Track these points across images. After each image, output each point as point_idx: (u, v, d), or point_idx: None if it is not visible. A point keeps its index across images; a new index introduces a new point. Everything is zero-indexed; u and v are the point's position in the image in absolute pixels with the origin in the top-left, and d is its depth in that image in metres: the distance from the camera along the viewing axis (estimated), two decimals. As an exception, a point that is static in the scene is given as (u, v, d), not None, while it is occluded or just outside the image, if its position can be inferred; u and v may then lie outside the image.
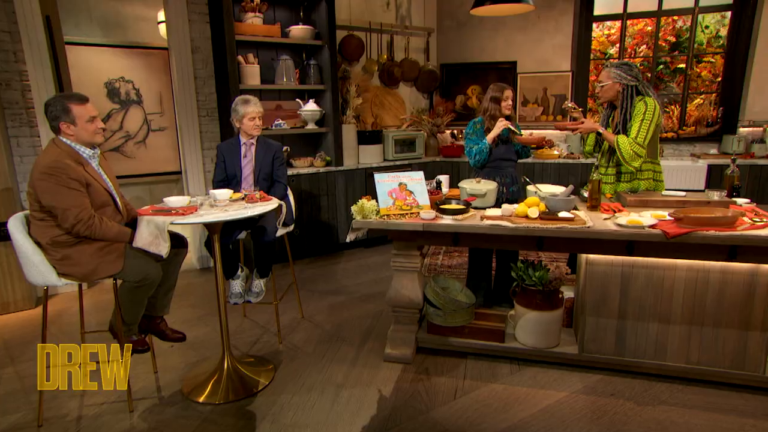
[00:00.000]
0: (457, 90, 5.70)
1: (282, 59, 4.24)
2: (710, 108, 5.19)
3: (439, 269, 4.18)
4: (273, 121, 4.29)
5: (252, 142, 3.00)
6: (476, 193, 2.67)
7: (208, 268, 4.28)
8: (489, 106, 3.05)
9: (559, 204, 2.33)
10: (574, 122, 2.89)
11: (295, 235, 4.32)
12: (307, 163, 4.46)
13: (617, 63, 2.79)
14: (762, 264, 2.11)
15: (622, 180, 2.86)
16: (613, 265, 2.34)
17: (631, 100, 2.73)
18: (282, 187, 3.03)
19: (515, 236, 2.31)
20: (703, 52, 6.14)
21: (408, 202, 2.51)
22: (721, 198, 2.47)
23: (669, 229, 2.03)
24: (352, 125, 4.68)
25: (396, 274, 2.61)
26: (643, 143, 2.68)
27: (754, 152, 4.66)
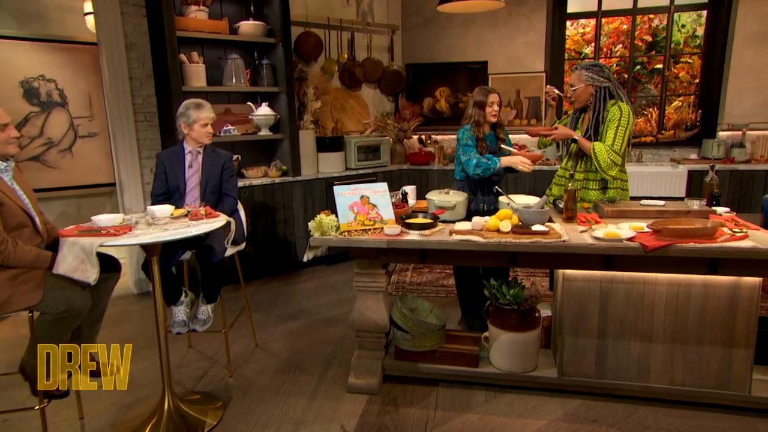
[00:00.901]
0: (424, 92, 5.77)
1: (231, 58, 4.18)
2: (689, 111, 5.43)
3: (408, 287, 4.18)
4: (221, 126, 4.22)
5: (198, 151, 2.93)
6: (445, 206, 2.68)
7: (147, 293, 4.13)
8: (473, 112, 3.05)
9: (533, 216, 2.37)
10: (548, 128, 2.96)
11: (248, 253, 4.25)
12: (261, 173, 4.41)
13: (587, 64, 2.88)
14: (743, 277, 2.20)
15: (590, 187, 2.96)
16: (591, 281, 2.39)
17: (604, 104, 2.83)
18: (232, 201, 2.97)
19: (486, 252, 2.32)
20: (680, 52, 6.45)
21: (371, 216, 2.50)
22: (701, 207, 2.57)
23: (647, 242, 2.09)
24: (311, 131, 4.66)
25: (359, 294, 2.59)
26: (620, 151, 2.78)
27: (734, 157, 4.90)
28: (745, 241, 2.07)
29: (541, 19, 5.38)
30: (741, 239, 2.09)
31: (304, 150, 4.58)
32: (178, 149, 2.93)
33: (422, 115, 5.68)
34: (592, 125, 2.86)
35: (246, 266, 4.23)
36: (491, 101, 3.01)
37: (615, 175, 2.84)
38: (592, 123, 2.86)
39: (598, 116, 2.85)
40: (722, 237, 2.10)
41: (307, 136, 4.60)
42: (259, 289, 4.20)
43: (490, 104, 3.01)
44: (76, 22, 4.63)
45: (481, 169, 2.91)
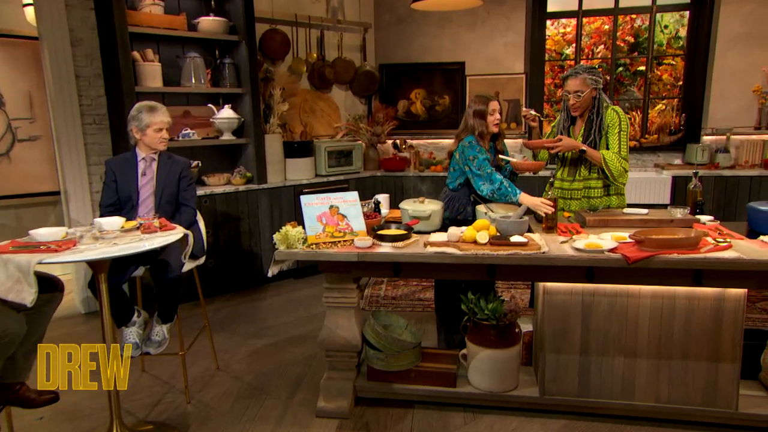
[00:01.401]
0: (399, 94, 5.80)
1: (190, 57, 4.13)
2: (673, 114, 5.58)
3: (383, 302, 4.17)
4: (180, 130, 4.15)
5: (153, 158, 2.88)
6: (419, 215, 2.69)
7: (95, 312, 4.02)
8: (474, 123, 2.98)
9: (511, 227, 2.39)
10: (551, 140, 2.94)
11: (209, 267, 4.18)
12: (224, 181, 4.36)
13: (586, 67, 2.91)
14: (728, 288, 2.25)
15: (593, 195, 3.01)
16: (573, 294, 2.42)
17: (599, 108, 2.90)
18: (190, 212, 2.92)
19: (463, 265, 2.33)
20: (663, 53, 6.64)
21: (340, 227, 2.48)
22: (684, 216, 2.63)
23: (630, 253, 2.13)
24: (278, 135, 4.64)
25: (329, 311, 2.57)
26: (627, 157, 2.88)
27: (718, 162, 5.05)
28: (728, 252, 2.13)
29: (521, 19, 5.47)
30: (725, 249, 2.14)
31: (271, 156, 4.54)
32: (130, 156, 2.86)
33: (397, 118, 5.70)
34: (596, 132, 2.91)
35: (206, 281, 4.16)
36: (492, 109, 2.96)
37: (625, 182, 2.94)
38: (596, 129, 2.91)
39: (600, 122, 2.90)
40: (706, 247, 2.15)
41: (273, 141, 4.57)
42: (221, 306, 4.13)
43: (492, 112, 2.97)
44: (14, 13, 4.50)
45: (498, 194, 2.82)
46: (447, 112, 5.73)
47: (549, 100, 6.43)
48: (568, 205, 3.05)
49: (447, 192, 3.23)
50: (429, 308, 4.00)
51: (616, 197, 3.02)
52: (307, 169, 4.81)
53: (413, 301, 4.19)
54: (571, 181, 3.06)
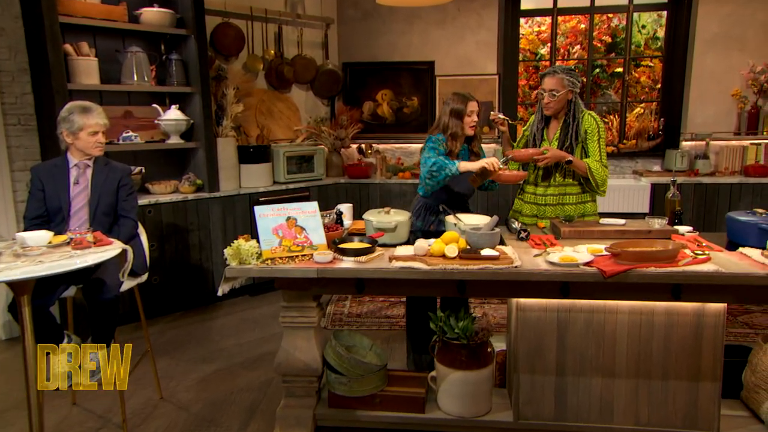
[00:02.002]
0: (364, 95, 5.81)
1: (131, 51, 4.05)
2: (651, 118, 5.76)
3: (346, 320, 4.14)
4: (120, 133, 4.07)
5: (87, 164, 2.80)
6: (384, 227, 2.68)
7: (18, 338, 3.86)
8: (449, 122, 3.00)
9: (482, 239, 2.41)
10: (536, 151, 2.96)
11: (153, 284, 4.08)
12: (170, 188, 4.30)
13: (565, 68, 2.99)
14: (707, 303, 2.31)
15: (568, 202, 3.06)
16: (548, 310, 2.45)
17: (575, 112, 2.97)
18: (130, 224, 2.85)
19: (431, 280, 2.33)
20: (641, 54, 6.85)
21: (298, 241, 2.46)
22: (663, 227, 2.70)
23: (606, 267, 2.17)
24: (231, 139, 4.59)
25: (286, 332, 2.53)
26: (607, 164, 2.98)
27: (698, 169, 5.22)
28: (707, 265, 2.19)
29: (493, 16, 5.57)
30: (703, 262, 2.20)
31: (224, 161, 4.49)
32: (60, 162, 2.78)
33: (362, 121, 5.71)
34: (572, 137, 2.97)
35: (150, 301, 4.06)
36: (470, 110, 2.98)
37: (606, 189, 3.02)
38: (572, 134, 2.97)
39: (577, 127, 2.97)
40: (684, 260, 2.20)
41: (226, 145, 4.52)
42: (167, 328, 4.04)
43: (470, 113, 2.99)
44: None
45: (435, 175, 2.85)
46: (416, 114, 5.76)
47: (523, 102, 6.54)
48: (543, 211, 3.10)
49: (418, 199, 3.25)
50: (397, 326, 4.00)
51: (591, 204, 3.10)
52: (264, 175, 4.77)
53: (380, 318, 4.18)
54: (545, 187, 3.10)
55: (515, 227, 2.78)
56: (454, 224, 2.73)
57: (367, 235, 2.68)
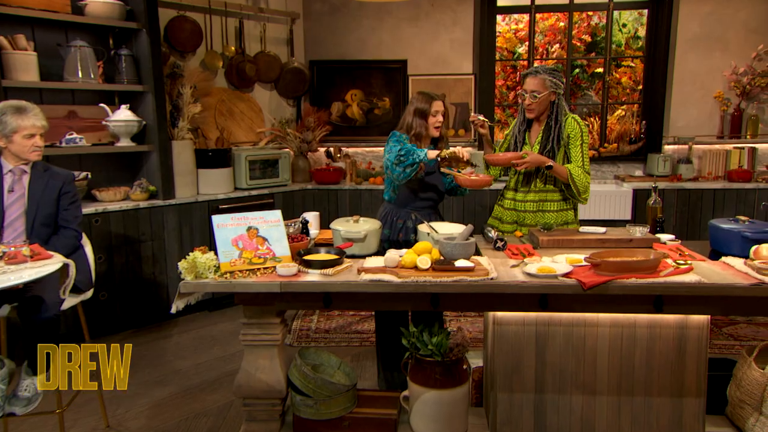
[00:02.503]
0: (332, 95, 5.82)
1: (75, 46, 3.97)
2: (633, 121, 5.89)
3: (313, 336, 4.12)
4: (63, 135, 3.99)
5: (24, 170, 2.73)
6: (353, 237, 2.68)
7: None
8: (413, 122, 3.04)
9: (456, 250, 2.42)
10: (515, 154, 2.99)
11: (101, 301, 4.00)
12: (120, 196, 4.24)
13: (548, 68, 3.02)
14: (690, 315, 2.37)
15: (548, 209, 3.10)
16: (526, 324, 2.47)
17: (558, 115, 3.01)
18: (72, 236, 2.79)
19: (402, 294, 2.33)
20: (621, 54, 7.02)
21: (260, 252, 2.44)
22: (644, 235, 2.76)
23: (585, 278, 2.20)
24: (188, 142, 4.55)
25: (247, 350, 2.51)
26: (589, 170, 3.02)
27: (680, 174, 5.35)
28: (689, 275, 2.24)
29: (468, 13, 5.64)
30: (685, 272, 2.25)
31: (180, 166, 4.45)
32: (-7, 168, 2.71)
33: (330, 123, 5.71)
34: (554, 141, 3.00)
35: (96, 319, 3.98)
36: (435, 110, 3.02)
37: (587, 197, 3.05)
38: (554, 138, 3.00)
39: (559, 130, 3.01)
40: (666, 270, 2.25)
41: (183, 148, 4.48)
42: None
43: (434, 113, 3.02)
44: None
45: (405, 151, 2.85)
46: (387, 116, 5.79)
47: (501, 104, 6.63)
48: (522, 218, 3.13)
49: (384, 205, 3.25)
50: (368, 342, 4.00)
51: (572, 211, 3.14)
52: (225, 181, 4.74)
53: (350, 334, 4.17)
54: (525, 193, 3.14)
55: (491, 236, 2.80)
56: (427, 233, 2.75)
57: (335, 246, 2.67)
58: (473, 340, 3.86)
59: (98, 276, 3.65)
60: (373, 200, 5.20)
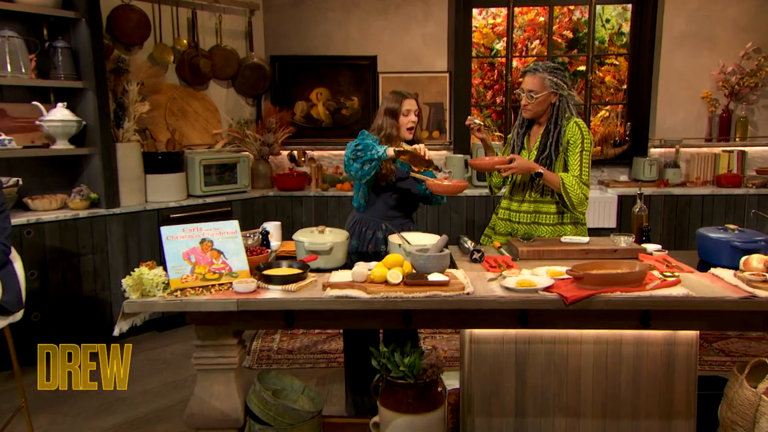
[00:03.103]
0: (295, 94, 5.82)
1: (4, 36, 3.90)
2: (617, 123, 6.01)
3: (275, 357, 4.09)
4: (-11, 136, 3.91)
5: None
6: (318, 249, 2.66)
7: None
8: (384, 122, 3.04)
9: (429, 262, 2.43)
10: (502, 158, 3.00)
11: (33, 322, 3.92)
12: (57, 204, 4.19)
13: (550, 66, 3.03)
14: (678, 330, 2.41)
15: (543, 222, 3.11)
16: (505, 342, 2.49)
17: (558, 119, 3.00)
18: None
19: (371, 311, 2.33)
20: (605, 52, 7.16)
21: (215, 267, 2.42)
22: (629, 245, 2.80)
23: (567, 293, 2.22)
24: (135, 144, 4.51)
25: (201, 376, 2.47)
26: (588, 182, 2.99)
27: (667, 179, 5.48)
28: (676, 288, 2.28)
29: (442, 7, 5.70)
30: (672, 285, 2.30)
31: (126, 171, 4.40)
32: None
33: (293, 123, 5.70)
34: (552, 147, 3.01)
35: (28, 343, 3.81)
36: (407, 108, 3.03)
37: (584, 212, 3.04)
38: (552, 144, 3.01)
39: (559, 135, 3.01)
40: (652, 283, 2.29)
41: (129, 151, 4.44)
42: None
43: (406, 113, 3.03)
44: None
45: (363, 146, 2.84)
46: (356, 116, 5.80)
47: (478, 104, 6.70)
48: (515, 230, 3.15)
49: (353, 214, 3.25)
50: (335, 362, 3.99)
51: (571, 227, 3.11)
52: (177, 188, 4.70)
53: (315, 354, 4.16)
54: (519, 203, 3.17)
55: (467, 247, 2.82)
56: (399, 245, 2.75)
57: (298, 259, 2.66)
58: (449, 360, 3.88)
59: (30, 295, 3.55)
60: (341, 208, 5.20)
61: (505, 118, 6.09)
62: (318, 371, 3.89)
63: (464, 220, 5.24)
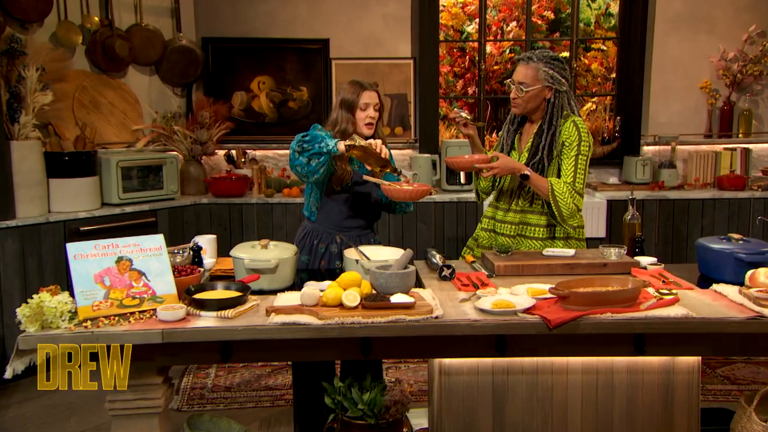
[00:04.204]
0: (233, 83, 5.80)
1: None
2: (605, 117, 6.12)
3: (210, 396, 4.05)
4: None
5: None
6: (260, 267, 2.65)
7: None
8: (338, 116, 3.06)
9: (392, 281, 2.42)
10: (483, 157, 3.01)
11: None
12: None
13: (546, 56, 3.05)
14: (677, 356, 2.45)
15: (530, 235, 3.14)
16: (480, 373, 2.49)
17: (553, 117, 3.04)
18: None
19: (324, 340, 2.32)
20: (591, 35, 7.30)
21: (135, 291, 2.39)
22: (621, 258, 2.85)
23: (551, 315, 2.24)
24: (35, 142, 4.44)
25: (117, 422, 2.45)
26: (582, 191, 3.00)
27: (663, 181, 5.59)
28: (674, 308, 2.32)
29: (405, -18, 5.73)
30: (670, 304, 2.34)
31: (23, 174, 4.32)
32: None
33: (231, 118, 5.68)
34: (545, 149, 3.03)
35: None
36: (365, 102, 3.04)
37: (575, 225, 3.07)
38: (545, 146, 3.03)
39: (553, 137, 3.03)
40: (647, 302, 2.32)
41: (27, 151, 4.36)
42: None
43: (364, 106, 3.04)
44: None
45: (310, 137, 2.84)
46: (305, 110, 5.80)
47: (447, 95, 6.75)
48: (499, 242, 3.18)
49: (303, 225, 3.24)
50: (282, 400, 3.97)
51: (563, 242, 3.14)
52: (88, 195, 4.63)
53: (258, 391, 4.13)
54: (504, 212, 3.19)
55: (436, 262, 2.83)
56: (356, 261, 2.75)
57: (237, 280, 2.64)
58: (416, 395, 3.88)
59: None
60: (289, 217, 5.16)
61: (479, 111, 6.14)
62: (262, 411, 3.85)
63: (433, 231, 5.25)
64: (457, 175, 5.29)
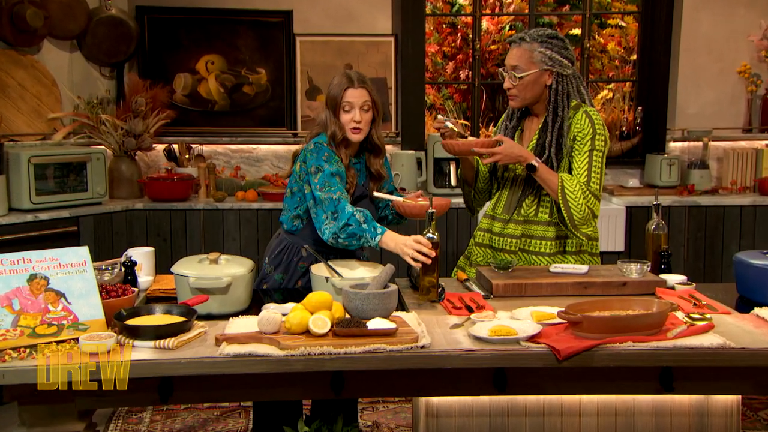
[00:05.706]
0: (175, 63, 5.81)
1: None
2: (624, 106, 6.15)
3: (146, 446, 4.03)
4: None
5: None
6: (209, 286, 2.65)
7: None
8: (326, 117, 3.05)
9: (369, 303, 2.42)
10: (485, 141, 3.02)
11: None
12: None
13: (542, 33, 3.05)
14: (712, 394, 2.45)
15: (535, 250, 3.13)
16: (475, 414, 2.49)
17: (559, 108, 3.04)
18: None
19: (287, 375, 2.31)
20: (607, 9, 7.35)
21: (52, 316, 2.38)
22: (643, 276, 2.86)
23: (560, 344, 2.24)
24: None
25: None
26: (599, 192, 3.01)
27: (693, 184, 5.61)
28: (709, 336, 2.32)
29: (385, -54, 5.76)
30: (703, 332, 2.35)
31: None
32: None
33: (173, 105, 5.68)
34: (552, 146, 3.04)
35: None
36: (348, 100, 2.99)
37: (590, 234, 3.06)
38: (552, 142, 3.04)
39: (561, 131, 3.04)
40: (676, 329, 2.32)
41: None
42: None
43: (347, 107, 3.00)
44: None
45: (344, 237, 2.83)
46: (263, 96, 5.80)
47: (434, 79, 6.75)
48: (497, 259, 3.16)
49: (281, 236, 3.24)
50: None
51: (575, 257, 3.15)
52: (-6, 198, 4.59)
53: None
54: (504, 222, 3.20)
55: (422, 281, 2.82)
56: (326, 278, 2.75)
57: (179, 302, 2.65)
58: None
59: None
60: (244, 226, 5.13)
61: (472, 100, 6.15)
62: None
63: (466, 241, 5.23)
64: (446, 176, 5.30)
